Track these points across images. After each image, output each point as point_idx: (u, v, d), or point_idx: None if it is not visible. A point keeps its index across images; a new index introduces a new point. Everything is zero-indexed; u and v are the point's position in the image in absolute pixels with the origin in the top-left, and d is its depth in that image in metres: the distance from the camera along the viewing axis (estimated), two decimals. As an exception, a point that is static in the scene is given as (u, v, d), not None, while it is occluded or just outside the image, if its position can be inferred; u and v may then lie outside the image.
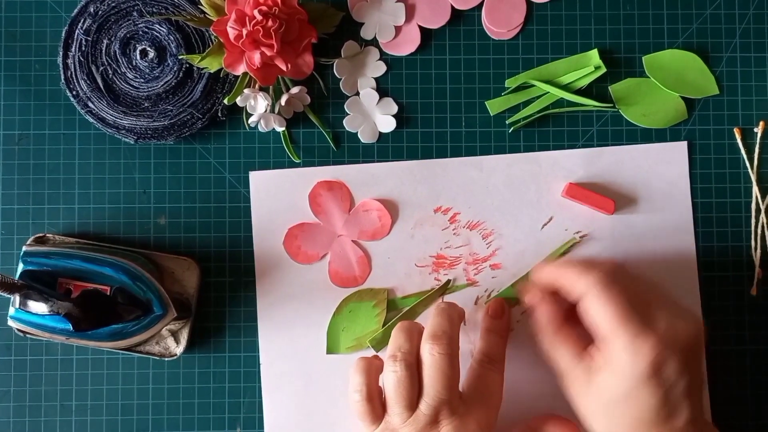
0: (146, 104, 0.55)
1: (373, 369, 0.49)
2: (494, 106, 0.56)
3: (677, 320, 0.46)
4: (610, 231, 0.55)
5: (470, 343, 0.55)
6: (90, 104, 0.55)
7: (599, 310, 0.46)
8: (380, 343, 0.55)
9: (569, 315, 0.50)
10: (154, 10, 0.55)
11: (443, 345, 0.47)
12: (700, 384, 0.47)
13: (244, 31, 0.51)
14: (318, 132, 0.56)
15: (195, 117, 0.55)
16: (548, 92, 0.56)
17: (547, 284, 0.50)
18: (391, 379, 0.47)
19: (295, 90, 0.54)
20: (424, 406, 0.47)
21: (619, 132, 0.56)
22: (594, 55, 0.56)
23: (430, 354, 0.47)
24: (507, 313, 0.54)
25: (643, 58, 0.56)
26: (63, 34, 0.55)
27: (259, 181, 0.56)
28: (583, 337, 0.48)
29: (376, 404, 0.48)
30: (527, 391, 0.55)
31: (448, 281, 0.55)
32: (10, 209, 0.56)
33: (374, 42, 0.56)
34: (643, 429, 0.46)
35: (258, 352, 0.55)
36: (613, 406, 0.46)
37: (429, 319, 0.49)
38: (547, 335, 0.49)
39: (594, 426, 0.48)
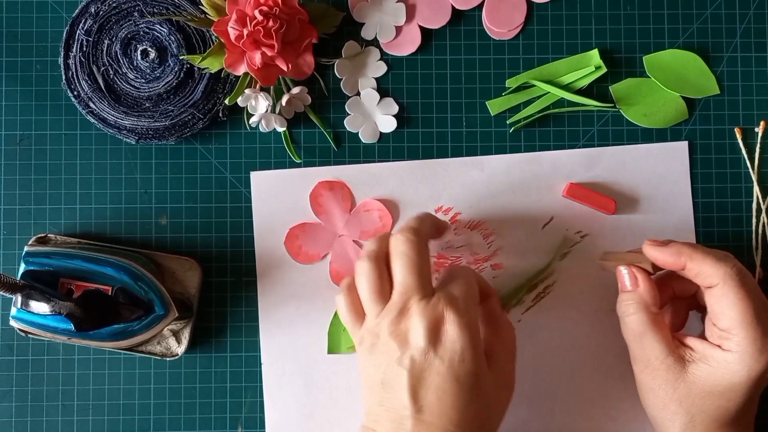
0: (147, 104, 0.55)
1: (355, 288, 0.48)
2: (495, 106, 0.56)
3: None
4: (611, 231, 0.55)
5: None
6: (91, 105, 0.55)
7: (735, 301, 0.45)
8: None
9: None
10: (155, 10, 0.55)
11: (408, 234, 0.46)
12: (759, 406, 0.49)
13: (245, 32, 0.51)
14: (319, 132, 0.56)
15: (196, 117, 0.55)
16: (549, 92, 0.56)
17: (666, 262, 0.48)
18: (362, 276, 0.47)
19: (295, 90, 0.54)
20: (395, 294, 0.46)
21: (619, 132, 0.56)
22: (594, 55, 0.56)
23: (395, 244, 0.46)
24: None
25: (643, 58, 0.56)
26: (64, 35, 0.55)
27: (261, 181, 0.56)
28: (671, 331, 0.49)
29: (358, 307, 0.47)
30: (525, 392, 0.55)
31: (449, 281, 0.55)
32: (11, 209, 0.56)
33: (375, 42, 0.56)
34: (721, 424, 0.47)
35: (259, 351, 0.55)
36: (705, 398, 0.46)
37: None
38: (644, 318, 0.48)
39: (671, 417, 0.47)
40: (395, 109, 0.56)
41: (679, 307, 0.52)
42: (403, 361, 0.45)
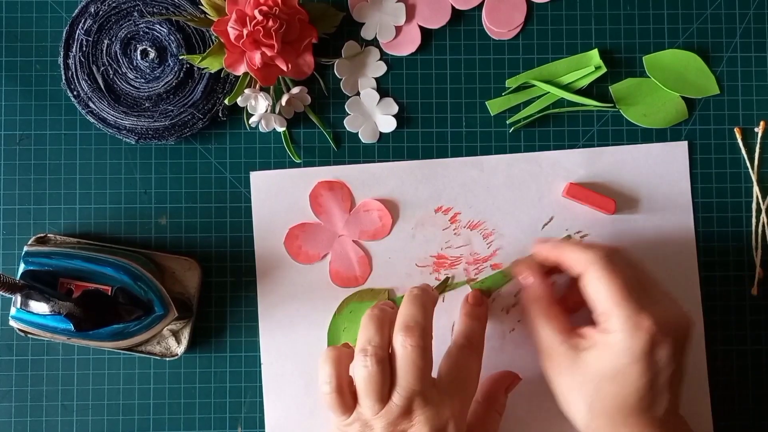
0: (147, 104, 0.55)
1: (342, 359, 0.48)
2: (495, 106, 0.56)
3: (672, 308, 0.47)
4: (610, 231, 0.55)
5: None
6: (91, 104, 0.55)
7: (601, 286, 0.46)
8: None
9: (559, 300, 0.50)
10: (155, 10, 0.55)
11: (415, 337, 0.46)
12: (681, 378, 0.48)
13: (245, 32, 0.51)
14: (319, 132, 0.56)
15: (196, 117, 0.55)
16: (549, 92, 0.56)
17: (548, 258, 0.51)
18: (362, 374, 0.46)
19: (295, 90, 0.54)
20: (397, 397, 0.46)
21: (619, 132, 0.56)
22: (594, 55, 0.56)
23: (402, 346, 0.46)
24: (486, 303, 0.54)
25: (643, 58, 0.56)
26: (64, 35, 0.55)
27: (260, 181, 0.56)
28: (569, 322, 0.49)
29: (346, 395, 0.47)
30: (525, 392, 0.55)
31: (447, 278, 0.55)
32: (11, 209, 0.56)
33: (375, 42, 0.56)
34: (624, 413, 0.46)
35: (259, 351, 0.55)
36: (599, 385, 0.46)
37: (401, 308, 0.48)
38: (537, 311, 0.50)
39: (573, 407, 0.48)
40: (395, 109, 0.56)
41: (576, 296, 0.52)
42: None
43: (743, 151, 0.56)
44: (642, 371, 0.45)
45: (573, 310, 0.52)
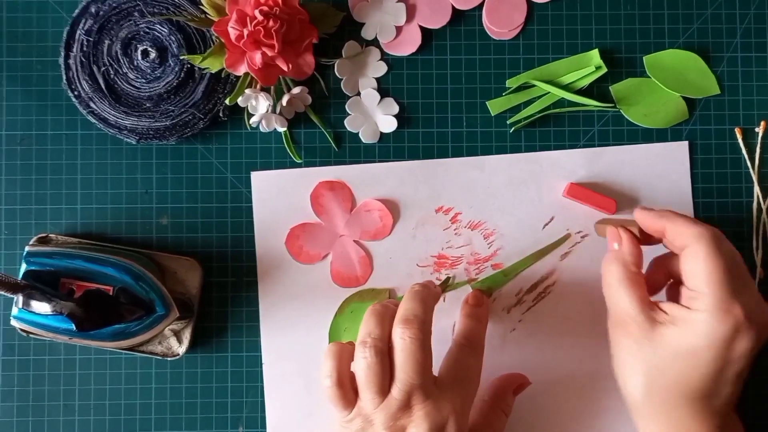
0: (148, 105, 0.55)
1: (344, 354, 0.48)
2: (495, 106, 0.56)
3: (762, 304, 0.47)
4: (611, 231, 0.55)
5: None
6: (92, 105, 0.55)
7: (702, 262, 0.45)
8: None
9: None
10: (156, 10, 0.55)
11: (414, 329, 0.46)
12: (745, 376, 0.47)
13: (245, 32, 0.51)
14: (319, 132, 0.56)
15: (196, 117, 0.55)
16: (549, 92, 0.56)
17: (650, 226, 0.49)
18: (362, 366, 0.47)
19: (296, 90, 0.54)
20: (396, 390, 0.46)
21: (620, 132, 0.56)
22: (595, 55, 0.56)
23: (401, 338, 0.46)
24: (486, 303, 0.54)
25: (644, 58, 0.56)
26: (64, 35, 0.55)
27: (261, 181, 0.56)
28: (649, 286, 0.49)
29: (348, 390, 0.47)
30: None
31: (448, 278, 0.55)
32: (12, 209, 0.56)
33: (375, 42, 0.56)
34: (683, 396, 0.46)
35: (260, 351, 0.55)
36: (667, 361, 0.46)
37: (402, 302, 0.49)
38: (620, 274, 0.48)
39: (633, 377, 0.47)
40: (395, 109, 0.56)
41: (658, 276, 0.52)
42: None
43: (744, 151, 0.56)
44: (716, 357, 0.45)
45: (653, 290, 0.50)
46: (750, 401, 0.56)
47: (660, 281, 0.51)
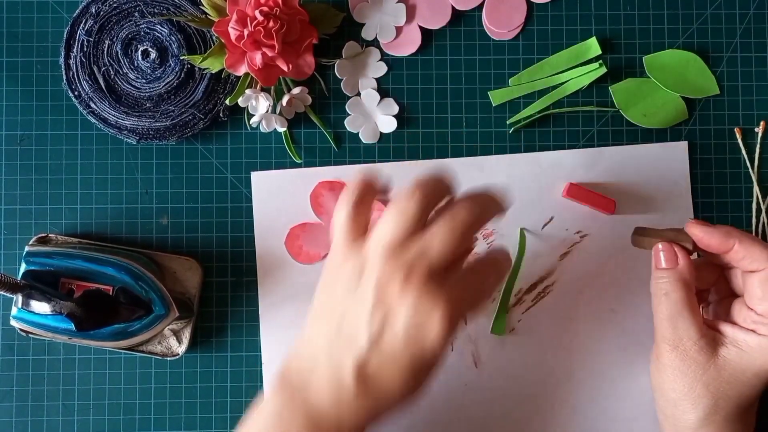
0: (148, 105, 0.55)
1: (368, 198, 0.43)
2: (497, 96, 0.56)
3: None
4: (610, 231, 0.56)
5: (471, 343, 0.55)
6: (92, 105, 0.55)
7: None
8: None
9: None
10: (156, 10, 0.55)
11: (464, 224, 0.41)
12: None
13: (246, 32, 0.51)
14: (319, 132, 0.56)
15: (197, 117, 0.55)
16: (550, 87, 0.56)
17: (713, 245, 0.47)
18: (400, 204, 0.41)
19: (296, 90, 0.54)
20: (409, 255, 0.40)
21: (619, 132, 0.56)
22: (593, 43, 0.56)
23: (450, 215, 0.41)
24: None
25: (643, 58, 0.57)
26: (65, 35, 0.55)
27: (261, 181, 0.56)
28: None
29: (360, 227, 0.43)
30: (525, 392, 0.55)
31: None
32: (12, 209, 0.56)
33: (375, 42, 0.56)
34: (741, 411, 0.47)
35: (260, 351, 0.55)
36: (733, 384, 0.46)
37: (466, 201, 0.43)
38: (681, 296, 0.47)
39: (693, 401, 0.47)
40: (395, 109, 0.56)
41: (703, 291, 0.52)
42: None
43: (743, 152, 0.57)
44: None
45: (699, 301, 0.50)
46: (750, 401, 0.56)
47: (704, 294, 0.51)
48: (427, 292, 0.40)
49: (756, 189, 0.56)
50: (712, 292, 0.52)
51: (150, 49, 0.55)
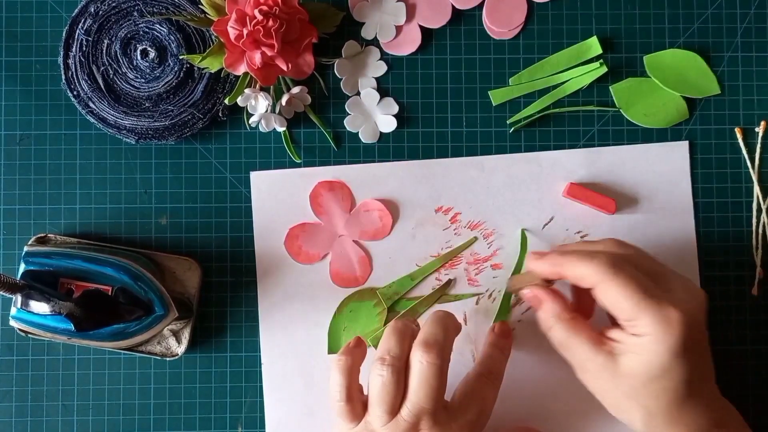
0: (147, 104, 0.55)
1: (354, 369, 0.49)
2: (497, 96, 0.56)
3: (687, 288, 0.47)
4: (611, 231, 0.55)
5: (471, 343, 0.55)
6: (91, 104, 0.55)
7: (618, 293, 0.45)
8: (381, 342, 0.55)
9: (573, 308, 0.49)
10: (155, 10, 0.55)
11: (433, 354, 0.46)
12: (709, 350, 0.48)
13: (245, 31, 0.51)
14: (319, 132, 0.56)
15: (196, 117, 0.55)
16: (551, 86, 0.56)
17: (551, 274, 0.49)
18: (377, 382, 0.47)
19: (295, 90, 0.54)
20: (406, 412, 0.46)
21: (620, 132, 0.56)
22: (594, 42, 0.56)
23: (419, 362, 0.47)
24: (511, 335, 0.54)
25: (644, 57, 0.56)
26: (64, 34, 0.55)
27: (260, 181, 0.56)
28: (594, 329, 0.48)
29: (356, 404, 0.48)
30: (524, 393, 0.55)
31: (449, 281, 0.55)
32: (11, 209, 0.56)
33: (375, 42, 0.56)
34: (679, 404, 0.46)
35: (259, 351, 0.55)
36: (649, 386, 0.45)
37: (424, 325, 0.49)
38: (562, 327, 0.48)
39: (628, 413, 0.47)
40: (395, 108, 0.56)
41: (584, 300, 0.51)
42: None
43: (744, 151, 0.56)
44: (686, 360, 0.45)
45: (588, 315, 0.50)
46: (751, 402, 0.56)
47: (589, 304, 0.50)
48: None
49: (756, 189, 0.56)
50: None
51: (149, 49, 0.55)
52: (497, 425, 0.55)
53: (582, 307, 0.50)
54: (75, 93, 0.55)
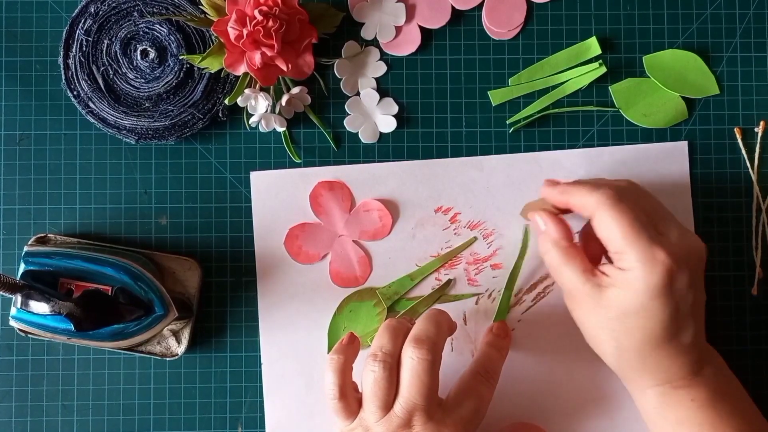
0: (147, 104, 0.55)
1: (347, 366, 0.49)
2: (497, 96, 0.56)
3: (684, 236, 0.47)
4: (610, 231, 0.55)
5: (471, 343, 0.55)
6: (91, 104, 0.55)
7: (612, 224, 0.46)
8: (381, 342, 0.55)
9: (582, 248, 0.50)
10: (155, 10, 0.55)
11: (424, 350, 0.47)
12: (702, 303, 0.48)
13: (245, 32, 0.51)
14: (319, 132, 0.56)
15: (196, 117, 0.55)
16: (550, 87, 0.56)
17: (559, 202, 0.49)
18: (369, 379, 0.47)
19: (295, 90, 0.54)
20: (399, 408, 0.47)
21: (619, 132, 0.56)
22: (593, 43, 0.56)
23: (410, 357, 0.47)
24: (509, 335, 0.54)
25: (643, 58, 0.56)
26: (64, 35, 0.55)
27: (260, 181, 0.56)
28: (589, 261, 0.48)
29: (350, 401, 0.48)
30: (524, 392, 0.55)
31: (449, 281, 0.55)
32: (11, 209, 0.56)
33: (375, 42, 0.56)
34: (651, 345, 0.47)
35: (259, 351, 0.55)
36: (624, 321, 0.46)
37: (417, 322, 0.49)
38: (557, 252, 0.48)
39: (602, 344, 0.48)
40: (395, 109, 0.56)
41: (593, 245, 0.51)
42: None
43: (743, 151, 0.56)
44: (664, 303, 0.45)
45: (595, 261, 0.50)
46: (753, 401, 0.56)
47: (597, 250, 0.50)
48: None
49: (756, 189, 0.56)
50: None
51: (149, 49, 0.55)
52: (497, 424, 0.55)
53: (588, 253, 0.50)
54: (75, 93, 0.55)
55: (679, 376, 0.48)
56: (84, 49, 0.55)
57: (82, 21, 0.55)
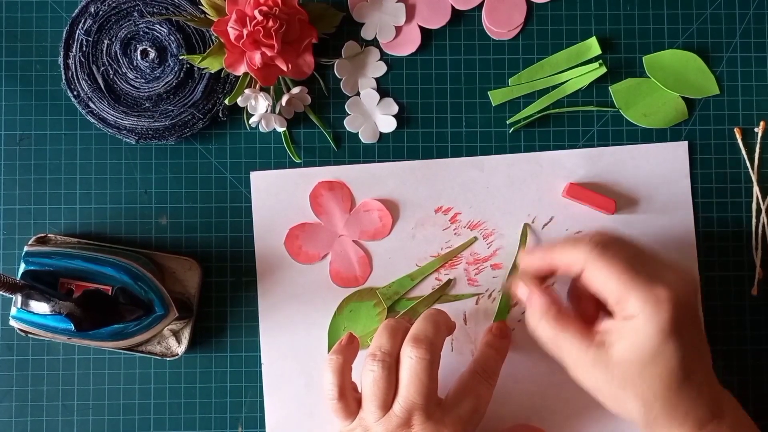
0: (147, 104, 0.55)
1: (346, 367, 0.49)
2: (497, 96, 0.56)
3: (677, 271, 0.46)
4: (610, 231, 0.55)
5: (471, 343, 0.55)
6: (91, 104, 0.55)
7: (606, 272, 0.45)
8: (381, 342, 0.55)
9: (576, 313, 0.49)
10: (155, 10, 0.55)
11: (422, 350, 0.47)
12: (705, 335, 0.47)
13: (245, 32, 0.51)
14: (319, 132, 0.56)
15: (196, 117, 0.55)
16: (550, 86, 0.56)
17: (540, 269, 0.49)
18: (368, 378, 0.47)
19: (295, 90, 0.54)
20: (398, 407, 0.47)
21: (619, 132, 0.56)
22: (593, 43, 0.56)
23: (409, 357, 0.47)
24: (509, 336, 0.54)
25: (643, 58, 0.56)
26: (64, 35, 0.55)
27: (260, 181, 0.56)
28: (582, 320, 0.47)
29: (350, 401, 0.49)
30: (524, 392, 0.55)
31: (449, 281, 0.55)
32: (11, 209, 0.56)
33: (375, 42, 0.56)
34: (674, 389, 0.44)
35: (259, 351, 0.55)
36: (641, 373, 0.44)
37: (415, 322, 0.49)
38: (548, 323, 0.47)
39: (626, 405, 0.45)
40: (395, 109, 0.56)
41: (584, 305, 0.50)
42: None
43: (743, 151, 0.56)
44: (678, 342, 0.44)
45: (590, 321, 0.48)
46: (751, 402, 0.56)
47: (590, 308, 0.49)
48: None
49: (756, 189, 0.56)
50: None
51: (149, 49, 0.55)
52: (497, 425, 0.55)
53: (581, 315, 0.49)
54: (75, 93, 0.55)
55: (706, 418, 0.45)
56: (84, 49, 0.55)
57: (82, 21, 0.55)
